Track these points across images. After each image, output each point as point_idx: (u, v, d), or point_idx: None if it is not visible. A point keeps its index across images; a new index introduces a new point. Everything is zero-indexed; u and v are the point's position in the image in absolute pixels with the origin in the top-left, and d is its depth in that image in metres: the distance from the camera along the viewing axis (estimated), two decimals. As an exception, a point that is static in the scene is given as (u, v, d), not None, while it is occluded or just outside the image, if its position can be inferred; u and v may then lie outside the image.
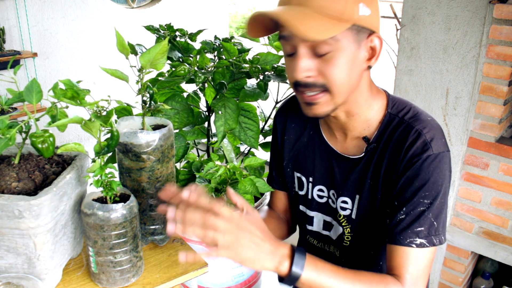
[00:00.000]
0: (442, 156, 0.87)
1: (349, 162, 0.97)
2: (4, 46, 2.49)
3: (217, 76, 1.31)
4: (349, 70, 0.82)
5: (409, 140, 0.87)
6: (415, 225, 0.86)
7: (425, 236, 0.86)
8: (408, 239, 0.86)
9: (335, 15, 0.77)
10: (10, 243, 0.75)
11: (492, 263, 1.94)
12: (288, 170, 1.08)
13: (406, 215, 0.87)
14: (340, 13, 0.77)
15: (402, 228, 0.87)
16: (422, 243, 0.86)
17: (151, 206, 0.91)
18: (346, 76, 0.82)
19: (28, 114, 0.77)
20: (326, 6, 0.76)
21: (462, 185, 1.82)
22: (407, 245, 0.86)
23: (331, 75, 0.81)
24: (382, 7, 0.90)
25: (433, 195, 0.86)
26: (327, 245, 1.07)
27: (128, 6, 3.20)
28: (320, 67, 0.81)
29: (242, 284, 1.35)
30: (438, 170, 0.87)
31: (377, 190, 0.93)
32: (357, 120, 0.93)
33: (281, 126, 1.09)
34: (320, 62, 0.81)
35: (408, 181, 0.87)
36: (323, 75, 0.82)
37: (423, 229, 0.86)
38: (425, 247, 0.86)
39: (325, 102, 0.85)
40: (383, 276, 0.85)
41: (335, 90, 0.83)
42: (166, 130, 0.86)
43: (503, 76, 1.60)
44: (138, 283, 0.87)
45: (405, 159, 0.87)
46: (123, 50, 0.81)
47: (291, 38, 0.81)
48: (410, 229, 0.86)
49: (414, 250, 0.86)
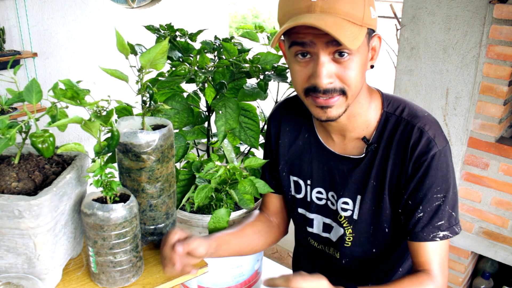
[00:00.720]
0: (445, 150, 0.90)
1: (348, 163, 0.96)
2: (4, 46, 2.49)
3: (217, 76, 1.31)
4: (362, 72, 0.84)
5: (413, 138, 0.89)
6: (435, 220, 0.89)
7: (447, 228, 0.90)
8: (431, 234, 0.90)
9: (357, 21, 0.78)
10: (10, 243, 0.75)
11: (492, 263, 1.94)
12: (284, 174, 1.08)
13: (424, 213, 0.90)
14: (360, 18, 0.78)
15: (423, 225, 0.90)
16: (445, 235, 0.90)
17: (151, 206, 0.91)
18: (360, 78, 0.84)
19: (28, 114, 0.77)
20: (350, 13, 0.77)
21: (462, 185, 1.82)
22: (431, 240, 0.90)
23: (350, 79, 0.82)
24: (382, 7, 0.91)
25: (445, 189, 0.89)
26: (327, 247, 1.07)
27: (128, 6, 3.20)
28: (339, 72, 0.82)
29: (242, 284, 1.35)
30: (445, 164, 0.89)
31: (383, 190, 0.93)
32: (357, 121, 0.93)
33: (275, 129, 1.08)
34: (339, 67, 0.81)
35: (419, 181, 0.89)
36: (341, 80, 0.82)
37: (444, 222, 0.90)
38: (448, 238, 0.90)
39: (339, 105, 0.85)
40: (417, 276, 0.88)
41: (349, 93, 0.84)
42: (166, 130, 0.86)
43: (503, 76, 1.60)
44: (138, 283, 0.87)
45: (412, 159, 0.89)
46: (123, 50, 0.81)
47: (311, 45, 0.79)
48: (431, 225, 0.90)
49: (438, 243, 0.90)
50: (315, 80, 0.81)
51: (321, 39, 0.78)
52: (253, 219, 1.10)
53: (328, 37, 0.77)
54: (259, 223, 1.10)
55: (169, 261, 0.86)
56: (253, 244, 1.06)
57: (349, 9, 0.76)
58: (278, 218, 1.15)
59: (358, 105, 0.90)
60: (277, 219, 1.15)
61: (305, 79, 0.84)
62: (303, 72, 0.83)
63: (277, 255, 2.57)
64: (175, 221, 1.00)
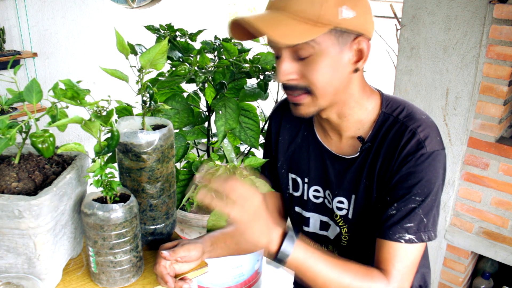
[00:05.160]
0: (436, 154, 0.87)
1: (344, 162, 0.97)
2: (4, 46, 2.49)
3: (217, 76, 1.31)
4: (331, 73, 0.83)
5: (404, 139, 0.88)
6: (405, 221, 0.87)
7: (414, 232, 0.87)
8: (397, 234, 0.87)
9: (311, 19, 0.78)
10: (10, 243, 0.75)
11: (492, 263, 1.94)
12: (283, 172, 1.08)
13: (397, 211, 0.88)
14: (316, 16, 0.77)
15: (392, 223, 0.88)
16: (411, 239, 0.87)
17: (151, 206, 0.91)
18: (328, 78, 0.83)
19: (28, 114, 0.77)
20: (302, 10, 0.77)
21: (462, 185, 1.82)
22: (396, 240, 0.87)
23: (313, 77, 0.83)
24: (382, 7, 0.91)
25: (425, 193, 0.87)
26: (325, 244, 1.07)
27: (128, 6, 3.20)
28: (302, 70, 0.83)
29: (242, 284, 1.35)
30: (432, 168, 0.87)
31: (372, 190, 0.93)
32: (350, 121, 0.93)
33: (276, 126, 1.09)
34: (302, 65, 0.83)
35: (401, 179, 0.88)
36: (305, 78, 0.83)
37: (413, 225, 0.87)
38: (414, 243, 0.87)
39: (308, 104, 0.87)
40: (370, 269, 0.86)
41: (317, 92, 0.85)
42: (166, 130, 0.86)
43: (503, 76, 1.60)
44: (138, 283, 0.87)
45: (399, 158, 0.88)
46: (123, 50, 0.81)
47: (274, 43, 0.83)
48: (400, 225, 0.87)
49: (402, 246, 0.87)
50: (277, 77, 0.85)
51: None
52: None
53: None
54: None
55: (161, 280, 0.87)
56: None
57: (300, 7, 0.77)
58: (276, 217, 1.15)
59: (347, 106, 0.91)
60: (275, 217, 1.15)
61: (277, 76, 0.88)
62: (277, 70, 0.87)
63: (277, 255, 2.57)
64: (175, 221, 1.00)
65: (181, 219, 1.32)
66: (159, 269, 0.86)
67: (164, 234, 0.96)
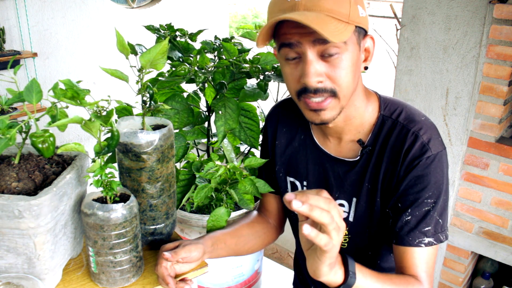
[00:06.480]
0: (440, 155, 0.88)
1: (344, 165, 0.96)
2: (4, 46, 2.49)
3: (217, 76, 1.31)
4: (353, 72, 0.83)
5: (407, 143, 0.88)
6: (422, 225, 0.88)
7: (432, 235, 0.88)
8: (417, 239, 0.88)
9: (343, 18, 0.77)
10: (10, 243, 0.75)
11: (492, 263, 1.94)
12: (281, 175, 1.08)
13: (412, 216, 0.88)
14: (346, 15, 0.77)
15: (410, 229, 0.88)
16: (430, 242, 0.88)
17: (151, 206, 0.91)
18: (351, 78, 0.83)
19: (28, 114, 0.77)
20: (334, 10, 0.77)
21: (462, 185, 1.82)
22: (416, 246, 0.88)
23: (340, 78, 0.81)
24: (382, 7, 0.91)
25: (436, 195, 0.88)
26: None
27: (128, 6, 3.20)
28: (328, 71, 0.81)
29: (242, 284, 1.35)
30: (439, 170, 0.88)
31: (376, 194, 0.93)
32: (353, 124, 0.93)
33: (272, 130, 1.08)
34: (328, 66, 0.80)
35: (410, 184, 0.88)
36: (331, 79, 0.81)
37: (430, 228, 0.88)
38: (433, 245, 0.89)
39: (332, 107, 0.84)
40: (406, 277, 0.87)
41: (341, 94, 0.83)
42: (166, 130, 0.86)
43: (503, 76, 1.60)
44: (138, 283, 0.87)
45: (405, 163, 0.88)
46: (123, 50, 0.81)
47: (298, 45, 0.79)
48: (418, 230, 0.88)
49: (423, 249, 0.88)
50: (304, 80, 0.81)
51: (307, 38, 0.78)
52: (251, 220, 1.10)
53: (314, 36, 0.77)
54: (256, 224, 1.10)
55: (162, 281, 0.86)
56: (250, 244, 1.06)
57: (333, 6, 0.76)
58: (276, 219, 1.15)
59: (354, 108, 0.90)
60: (274, 220, 1.15)
61: (296, 80, 0.83)
62: (294, 74, 0.83)
63: (277, 255, 2.57)
64: (175, 221, 1.00)
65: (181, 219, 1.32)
66: (160, 270, 0.85)
67: (164, 234, 0.96)
